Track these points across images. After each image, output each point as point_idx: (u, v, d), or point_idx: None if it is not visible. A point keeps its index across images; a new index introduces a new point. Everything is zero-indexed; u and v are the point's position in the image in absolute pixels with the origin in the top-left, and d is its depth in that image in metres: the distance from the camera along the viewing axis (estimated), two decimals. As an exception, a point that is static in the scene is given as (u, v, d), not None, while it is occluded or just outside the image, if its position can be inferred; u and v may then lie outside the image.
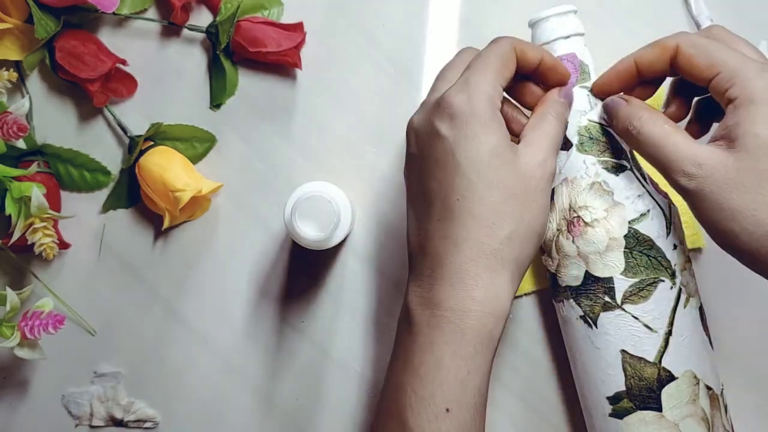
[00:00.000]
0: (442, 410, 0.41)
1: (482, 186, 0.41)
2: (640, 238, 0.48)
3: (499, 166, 0.42)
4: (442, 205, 0.42)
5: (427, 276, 0.43)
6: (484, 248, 0.41)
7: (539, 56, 0.46)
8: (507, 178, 0.42)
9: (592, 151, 0.49)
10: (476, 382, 0.41)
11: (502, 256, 0.42)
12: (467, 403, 0.41)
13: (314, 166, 0.60)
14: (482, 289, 0.41)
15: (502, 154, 0.42)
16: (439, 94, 0.45)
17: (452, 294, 0.41)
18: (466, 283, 0.41)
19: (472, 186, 0.41)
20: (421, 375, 0.41)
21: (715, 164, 0.41)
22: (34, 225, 0.54)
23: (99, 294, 0.60)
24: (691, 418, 0.48)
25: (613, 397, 0.49)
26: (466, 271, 0.41)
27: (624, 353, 0.48)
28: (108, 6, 0.56)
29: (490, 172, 0.42)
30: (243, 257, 0.60)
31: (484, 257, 0.41)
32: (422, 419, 0.41)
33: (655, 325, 0.48)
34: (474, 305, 0.41)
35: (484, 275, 0.41)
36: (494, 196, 0.42)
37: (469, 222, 0.41)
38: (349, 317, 0.59)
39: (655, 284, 0.48)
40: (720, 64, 0.43)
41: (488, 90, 0.43)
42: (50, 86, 0.61)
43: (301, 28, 0.58)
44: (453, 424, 0.41)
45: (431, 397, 0.41)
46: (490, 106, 0.43)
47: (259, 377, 0.59)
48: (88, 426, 0.60)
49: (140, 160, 0.58)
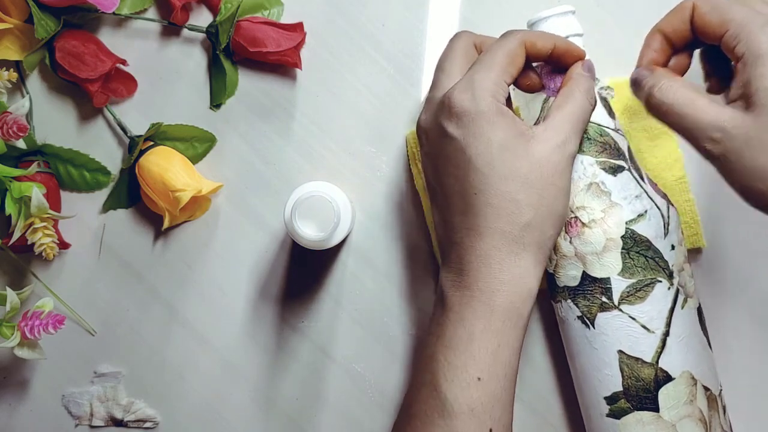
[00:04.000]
0: (474, 379, 0.43)
1: (496, 179, 0.43)
2: (638, 238, 0.48)
3: (510, 158, 0.43)
4: (462, 200, 0.44)
5: (456, 263, 0.45)
6: (506, 236, 0.43)
7: (551, 45, 0.47)
8: (520, 168, 0.43)
9: (589, 152, 0.49)
10: (506, 355, 0.43)
11: (523, 242, 0.44)
12: (497, 374, 0.43)
13: (314, 166, 0.60)
14: (507, 272, 0.43)
15: (512, 146, 0.43)
16: (442, 90, 0.46)
17: (480, 277, 0.44)
18: (492, 267, 0.44)
19: (486, 180, 0.43)
20: (454, 347, 0.44)
21: (736, 126, 0.41)
22: (34, 225, 0.54)
23: (99, 294, 0.60)
24: (688, 418, 0.48)
25: (610, 398, 0.49)
26: (492, 257, 0.44)
27: (621, 353, 0.48)
28: (108, 6, 0.56)
29: (502, 164, 0.43)
30: (243, 257, 0.60)
31: (506, 244, 0.44)
32: (455, 387, 0.43)
33: (653, 325, 0.48)
34: (501, 286, 0.43)
35: (508, 260, 0.44)
36: (509, 186, 0.43)
37: (489, 213, 0.43)
38: (349, 317, 0.59)
39: (653, 285, 0.48)
40: (729, 20, 0.42)
41: (491, 88, 0.44)
42: (50, 86, 0.61)
43: (301, 28, 0.58)
44: (484, 392, 0.43)
45: (464, 366, 0.43)
46: (493, 102, 0.44)
47: (259, 377, 0.59)
48: (88, 426, 0.60)
49: (140, 160, 0.58)
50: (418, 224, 0.59)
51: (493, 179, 0.43)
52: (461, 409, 0.42)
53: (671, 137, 0.57)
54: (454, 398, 0.43)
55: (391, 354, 0.58)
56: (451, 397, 0.43)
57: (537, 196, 0.43)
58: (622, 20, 0.59)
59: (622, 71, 0.57)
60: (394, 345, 0.59)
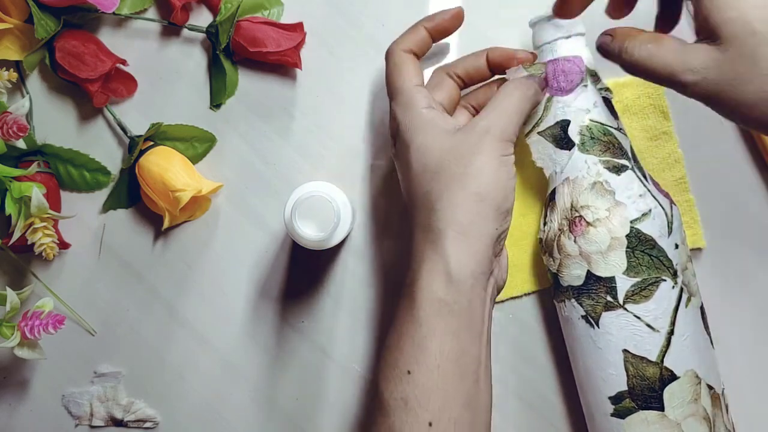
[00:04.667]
0: (404, 372, 0.43)
1: (414, 181, 0.47)
2: (642, 237, 0.48)
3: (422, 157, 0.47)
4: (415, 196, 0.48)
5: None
6: (423, 227, 0.46)
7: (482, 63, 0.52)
8: (429, 162, 0.46)
9: (593, 151, 0.49)
10: (436, 345, 0.43)
11: (436, 227, 0.45)
12: (428, 365, 0.43)
13: (314, 166, 0.60)
14: (427, 261, 0.45)
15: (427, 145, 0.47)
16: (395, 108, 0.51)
17: (408, 274, 0.46)
18: (414, 261, 0.46)
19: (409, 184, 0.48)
20: (388, 345, 0.45)
21: (707, 65, 0.40)
22: (34, 225, 0.54)
23: (99, 294, 0.60)
24: (692, 417, 0.48)
25: (615, 397, 0.49)
26: (415, 251, 0.46)
27: (626, 353, 0.48)
28: (108, 6, 0.56)
29: (416, 164, 0.47)
30: (243, 257, 0.60)
31: (422, 233, 0.46)
32: (390, 383, 0.44)
33: (657, 324, 0.48)
34: (417, 275, 0.45)
35: (425, 249, 0.45)
36: (421, 182, 0.47)
37: (413, 212, 0.47)
38: (349, 317, 0.59)
39: (657, 284, 0.48)
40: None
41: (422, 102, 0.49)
42: (50, 86, 0.61)
43: (301, 28, 0.58)
44: (415, 384, 0.43)
45: (395, 362, 0.44)
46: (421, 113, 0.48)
47: (259, 377, 0.59)
48: (88, 426, 0.60)
49: (140, 160, 0.58)
50: (418, 224, 0.59)
51: (412, 182, 0.47)
52: (396, 403, 0.43)
53: (672, 137, 0.57)
54: (390, 394, 0.43)
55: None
56: (387, 393, 0.43)
57: (445, 182, 0.45)
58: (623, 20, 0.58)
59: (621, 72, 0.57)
60: (394, 345, 0.59)
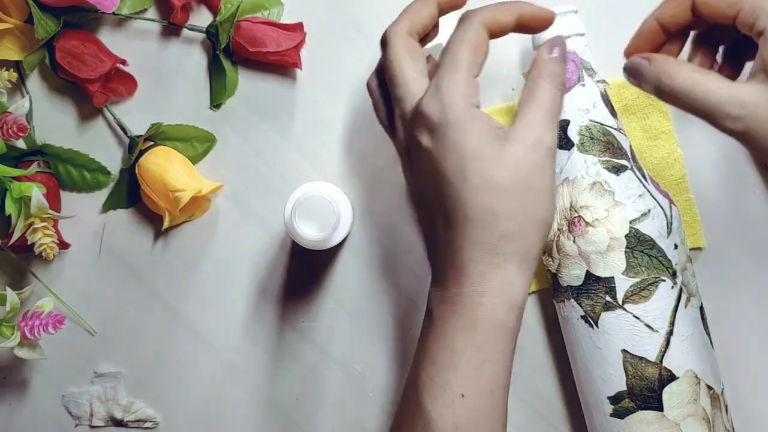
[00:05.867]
0: (457, 395, 0.42)
1: (470, 191, 0.42)
2: (641, 237, 0.48)
3: (482, 166, 0.41)
4: (441, 214, 0.43)
5: (440, 277, 0.44)
6: (484, 247, 0.42)
7: (515, 16, 0.45)
8: (494, 176, 0.41)
9: (593, 151, 0.49)
10: (491, 371, 0.42)
11: (503, 251, 0.42)
12: (483, 390, 0.42)
13: (314, 166, 0.60)
14: (488, 283, 0.42)
15: (486, 153, 0.42)
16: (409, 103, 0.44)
17: (461, 291, 0.42)
18: (471, 280, 0.42)
19: (460, 193, 0.42)
20: (437, 362, 0.43)
21: (757, 100, 0.40)
22: (34, 225, 0.54)
23: (99, 294, 0.60)
24: (692, 417, 0.48)
25: (614, 397, 0.49)
26: (471, 269, 0.42)
27: (625, 353, 0.48)
28: (108, 6, 0.56)
29: (475, 175, 0.41)
30: (243, 257, 0.60)
31: (485, 255, 0.42)
32: (438, 404, 0.42)
33: (657, 324, 0.48)
34: (481, 298, 0.42)
35: (488, 271, 0.42)
36: (484, 197, 0.41)
37: (465, 226, 0.42)
38: (349, 317, 0.59)
39: (656, 284, 0.48)
40: (738, 0, 0.42)
41: (461, 91, 0.42)
42: (50, 86, 0.61)
43: (301, 28, 0.58)
44: (468, 409, 0.42)
45: (446, 383, 0.42)
46: (464, 108, 0.42)
47: (259, 377, 0.59)
48: (88, 426, 0.60)
49: (140, 160, 0.58)
50: (418, 224, 0.59)
51: (467, 192, 0.42)
52: (446, 426, 0.41)
53: (671, 137, 0.57)
54: (439, 416, 0.42)
55: (391, 354, 0.58)
56: (435, 414, 0.42)
57: (515, 204, 0.42)
58: (623, 20, 0.58)
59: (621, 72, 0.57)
60: (394, 345, 0.59)
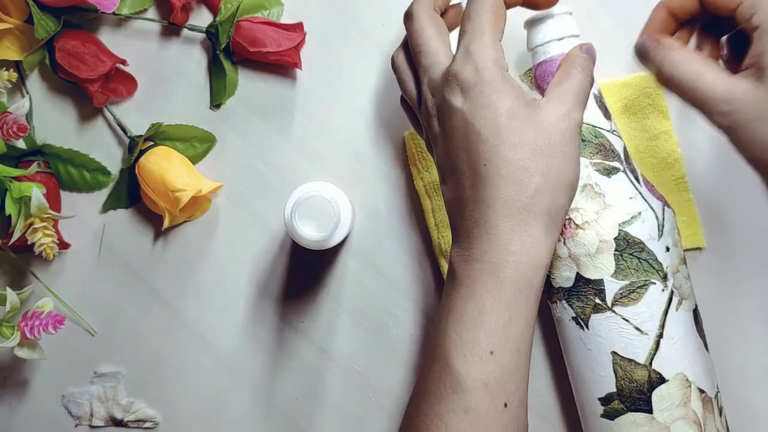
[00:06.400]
0: (486, 352, 0.42)
1: (505, 147, 0.42)
2: (631, 240, 0.48)
3: (518, 125, 0.43)
4: (472, 173, 0.44)
5: (465, 238, 0.44)
6: (515, 204, 0.43)
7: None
8: (528, 135, 0.42)
9: (584, 154, 0.49)
10: (518, 328, 0.43)
11: (533, 209, 0.43)
12: (510, 347, 0.42)
13: (314, 166, 0.60)
14: (517, 241, 0.43)
15: (520, 113, 0.43)
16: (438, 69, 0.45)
17: (489, 248, 0.43)
18: (500, 238, 0.43)
19: (495, 149, 0.42)
20: (465, 320, 0.43)
21: (746, 97, 0.41)
22: (34, 225, 0.54)
23: (99, 294, 0.60)
24: (682, 420, 0.48)
25: (604, 399, 0.49)
26: (501, 227, 0.43)
27: (615, 355, 0.48)
28: (108, 6, 0.56)
29: (511, 132, 0.42)
30: (243, 257, 0.60)
31: (516, 212, 0.43)
32: (467, 361, 0.42)
33: (646, 327, 0.48)
34: (510, 256, 0.42)
35: (517, 229, 0.43)
36: (518, 154, 0.42)
37: (498, 182, 0.43)
38: (349, 317, 0.59)
39: (646, 287, 0.48)
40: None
41: (492, 54, 0.43)
42: (50, 86, 0.61)
43: (301, 28, 0.58)
44: (497, 365, 0.42)
45: (475, 340, 0.42)
46: (498, 70, 0.43)
47: (259, 377, 0.59)
48: (88, 426, 0.60)
49: (140, 160, 0.58)
50: (419, 224, 0.59)
51: (502, 148, 0.42)
52: (475, 384, 0.42)
53: (671, 137, 0.57)
54: (467, 373, 0.42)
55: (391, 354, 0.59)
56: (464, 372, 0.42)
57: (545, 164, 0.43)
58: (623, 20, 0.59)
59: (623, 71, 0.57)
60: (394, 345, 0.59)
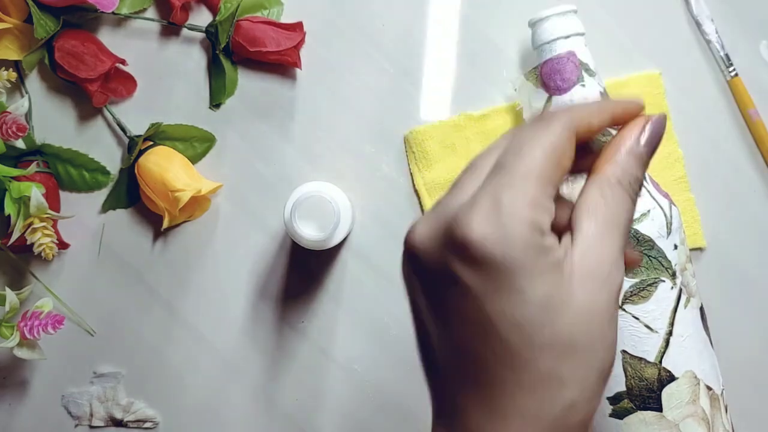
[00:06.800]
0: None
1: (531, 350, 0.30)
2: (641, 238, 0.48)
3: (551, 320, 0.30)
4: (476, 370, 0.31)
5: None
6: (541, 422, 0.30)
7: (609, 118, 0.33)
8: (562, 332, 0.30)
9: None
10: None
11: (566, 423, 0.31)
12: None
13: (314, 166, 0.60)
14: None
15: (555, 302, 0.30)
16: (455, 203, 0.31)
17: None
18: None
19: (514, 351, 0.30)
20: None
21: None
22: (33, 225, 0.54)
23: (99, 294, 0.60)
24: (691, 418, 0.48)
25: (613, 398, 0.49)
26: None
27: (624, 353, 0.48)
28: (107, 6, 0.56)
29: (540, 331, 0.30)
30: (243, 257, 0.60)
31: (543, 429, 0.31)
32: None
33: (656, 325, 0.48)
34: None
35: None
36: (548, 358, 0.30)
37: (515, 391, 0.30)
38: (349, 317, 0.59)
39: (656, 284, 0.48)
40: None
41: (530, 216, 0.29)
42: (50, 86, 0.61)
43: (301, 28, 0.58)
44: None
45: None
46: (532, 241, 0.29)
47: (259, 377, 0.59)
48: (88, 426, 0.60)
49: (140, 160, 0.57)
50: (418, 224, 0.59)
51: (527, 351, 0.30)
52: None
53: (671, 137, 0.57)
54: None
55: (391, 354, 0.58)
56: None
57: (584, 363, 0.30)
58: (623, 20, 0.58)
59: (624, 70, 0.57)
60: (394, 345, 0.59)
